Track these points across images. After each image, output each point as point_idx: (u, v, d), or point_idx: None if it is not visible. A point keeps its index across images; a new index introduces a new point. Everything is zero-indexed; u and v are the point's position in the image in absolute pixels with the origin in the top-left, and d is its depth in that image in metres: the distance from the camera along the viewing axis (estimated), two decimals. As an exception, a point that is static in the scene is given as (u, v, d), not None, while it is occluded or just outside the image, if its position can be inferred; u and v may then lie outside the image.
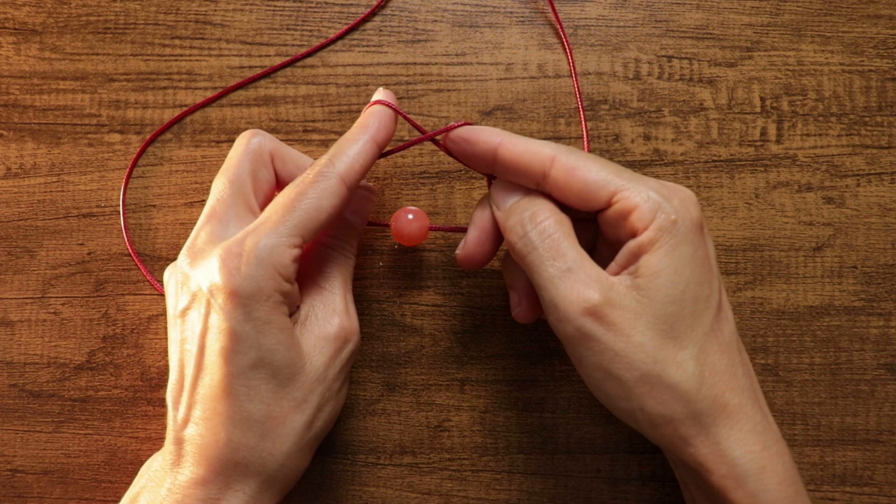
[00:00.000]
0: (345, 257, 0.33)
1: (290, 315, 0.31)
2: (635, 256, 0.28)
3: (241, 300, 0.28)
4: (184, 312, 0.29)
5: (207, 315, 0.28)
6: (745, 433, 0.28)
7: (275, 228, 0.28)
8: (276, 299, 0.28)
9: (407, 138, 0.38)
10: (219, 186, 0.32)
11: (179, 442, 0.29)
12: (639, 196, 0.28)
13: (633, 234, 0.28)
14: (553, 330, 0.28)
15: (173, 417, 0.29)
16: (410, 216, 0.34)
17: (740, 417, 0.28)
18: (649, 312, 0.27)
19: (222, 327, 0.28)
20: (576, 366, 0.29)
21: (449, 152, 0.32)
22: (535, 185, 0.30)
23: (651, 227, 0.27)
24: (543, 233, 0.28)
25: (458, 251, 0.32)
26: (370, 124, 0.31)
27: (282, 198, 0.29)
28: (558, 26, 0.38)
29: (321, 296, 0.31)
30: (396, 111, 0.32)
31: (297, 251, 0.29)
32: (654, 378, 0.27)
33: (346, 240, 0.33)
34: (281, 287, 0.29)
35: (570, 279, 0.27)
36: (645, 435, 0.29)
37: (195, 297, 0.29)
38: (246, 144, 0.32)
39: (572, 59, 0.38)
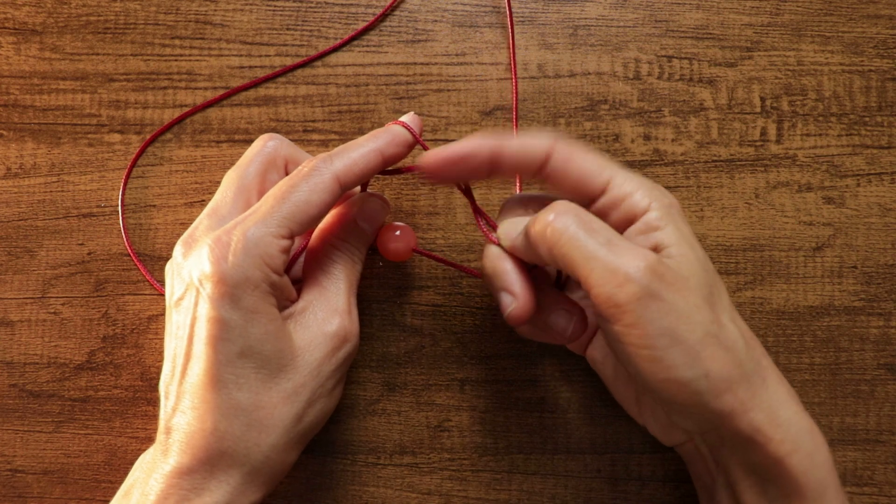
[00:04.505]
0: (353, 262, 0.33)
1: (283, 308, 0.31)
2: (647, 232, 0.28)
3: (228, 288, 0.28)
4: (177, 302, 0.30)
5: (197, 304, 0.29)
6: (784, 395, 0.28)
7: (264, 219, 0.29)
8: (263, 289, 0.29)
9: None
10: (226, 184, 0.32)
11: (168, 431, 0.29)
12: (632, 184, 0.29)
13: (630, 221, 0.29)
14: (606, 302, 0.26)
15: (164, 407, 0.30)
16: (398, 233, 0.34)
17: (775, 379, 0.28)
18: (690, 278, 0.27)
19: (210, 315, 0.28)
20: (627, 342, 0.27)
21: (460, 187, 0.33)
22: (531, 175, 0.30)
23: (654, 209, 0.28)
24: (567, 218, 0.28)
25: (510, 310, 0.30)
26: (382, 137, 0.31)
27: (275, 189, 0.30)
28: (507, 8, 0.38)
29: (324, 295, 0.32)
30: (416, 138, 0.32)
31: (285, 242, 0.29)
32: (713, 338, 0.27)
33: (356, 245, 0.33)
34: (269, 277, 0.29)
35: (619, 246, 0.27)
36: (700, 409, 0.27)
37: (188, 286, 0.29)
38: (261, 147, 0.33)
39: (513, 37, 0.38)
